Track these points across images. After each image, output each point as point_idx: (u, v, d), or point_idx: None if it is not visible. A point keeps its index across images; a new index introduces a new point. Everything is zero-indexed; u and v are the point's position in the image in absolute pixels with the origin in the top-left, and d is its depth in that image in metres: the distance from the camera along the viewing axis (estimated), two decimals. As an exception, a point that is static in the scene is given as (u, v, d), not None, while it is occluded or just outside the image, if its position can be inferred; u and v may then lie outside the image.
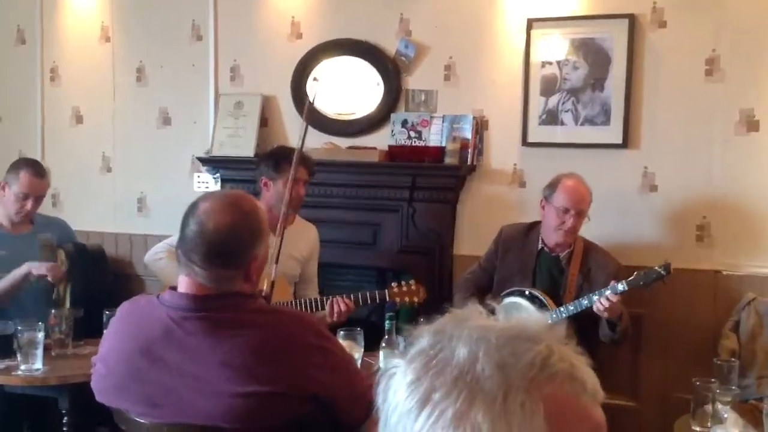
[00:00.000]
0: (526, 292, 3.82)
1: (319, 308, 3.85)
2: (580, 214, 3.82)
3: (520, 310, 3.79)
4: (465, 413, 0.87)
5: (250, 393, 2.05)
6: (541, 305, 3.75)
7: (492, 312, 1.02)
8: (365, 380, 2.31)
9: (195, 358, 2.10)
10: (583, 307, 3.62)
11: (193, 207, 2.23)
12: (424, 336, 0.96)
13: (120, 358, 2.23)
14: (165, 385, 2.13)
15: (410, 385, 0.91)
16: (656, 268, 3.54)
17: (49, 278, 3.95)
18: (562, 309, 3.70)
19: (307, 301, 3.90)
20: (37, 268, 3.92)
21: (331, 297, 3.82)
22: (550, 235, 3.88)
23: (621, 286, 3.54)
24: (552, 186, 3.89)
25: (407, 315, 4.19)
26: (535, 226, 4.02)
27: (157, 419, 2.15)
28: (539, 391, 0.89)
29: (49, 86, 5.64)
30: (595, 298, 3.57)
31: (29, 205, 4.15)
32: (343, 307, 3.77)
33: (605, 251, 3.95)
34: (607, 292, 3.54)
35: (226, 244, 2.16)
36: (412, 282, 3.87)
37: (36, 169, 4.21)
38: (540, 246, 3.95)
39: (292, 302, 3.92)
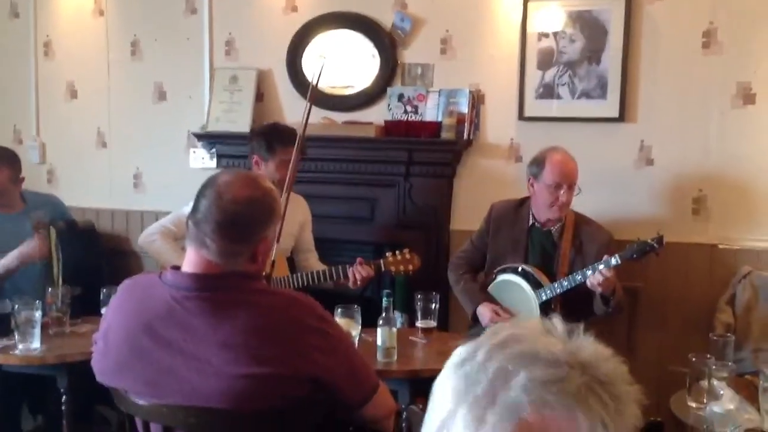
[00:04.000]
0: (519, 269, 3.83)
1: (325, 280, 3.90)
2: (572, 187, 3.81)
3: (515, 288, 3.81)
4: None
5: (250, 374, 2.05)
6: (535, 281, 3.76)
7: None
8: (365, 362, 2.32)
9: (196, 339, 2.10)
10: (577, 282, 3.63)
11: (211, 180, 2.24)
12: (482, 346, 1.00)
13: (121, 335, 2.23)
14: (165, 364, 2.13)
15: (452, 390, 0.98)
16: (648, 240, 3.53)
17: (37, 260, 3.96)
18: (556, 285, 3.71)
19: (313, 274, 3.94)
20: (24, 254, 3.93)
21: (347, 265, 3.85)
22: (543, 212, 3.87)
23: (614, 260, 3.53)
24: (539, 164, 3.86)
25: (403, 287, 4.22)
26: (525, 201, 4.01)
27: (157, 399, 2.16)
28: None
29: (43, 60, 5.60)
30: (589, 273, 3.57)
31: None
32: (365, 273, 3.82)
33: (596, 223, 3.94)
34: (601, 267, 3.53)
35: (241, 215, 2.16)
36: (406, 251, 3.90)
37: None
38: (531, 221, 3.95)
39: (289, 277, 3.94)
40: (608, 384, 0.94)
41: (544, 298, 3.71)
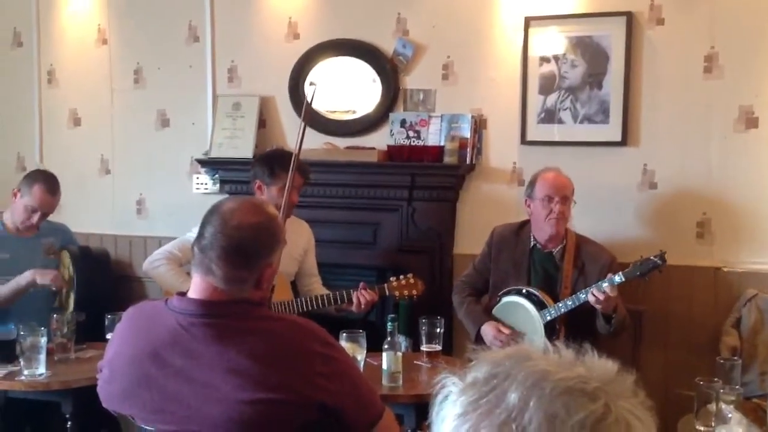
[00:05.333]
0: (523, 291, 3.83)
1: (328, 304, 3.91)
2: (565, 200, 3.84)
3: (519, 309, 3.81)
4: None
5: (256, 400, 2.05)
6: (539, 302, 3.76)
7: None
8: (371, 387, 2.32)
9: (202, 365, 2.10)
10: (582, 302, 3.65)
11: (216, 206, 2.26)
12: (482, 366, 0.94)
13: (127, 362, 2.23)
14: (172, 391, 2.13)
15: (457, 417, 0.91)
16: (652, 257, 3.56)
17: (53, 288, 3.98)
18: (560, 305, 3.72)
19: (316, 298, 3.95)
20: (41, 276, 3.94)
21: (351, 289, 3.88)
22: (543, 229, 3.89)
23: (618, 278, 3.56)
24: (531, 183, 3.95)
25: (406, 311, 4.21)
26: (526, 224, 4.04)
27: (163, 425, 2.15)
28: None
29: (47, 88, 5.63)
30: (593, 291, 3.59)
31: (35, 218, 4.16)
32: (369, 297, 3.85)
33: (598, 244, 3.96)
34: (605, 285, 3.55)
35: (246, 241, 2.17)
36: (410, 275, 3.93)
37: (50, 185, 4.20)
38: (532, 243, 3.96)
39: (292, 301, 3.94)
40: (632, 397, 0.93)
41: (548, 318, 3.72)
